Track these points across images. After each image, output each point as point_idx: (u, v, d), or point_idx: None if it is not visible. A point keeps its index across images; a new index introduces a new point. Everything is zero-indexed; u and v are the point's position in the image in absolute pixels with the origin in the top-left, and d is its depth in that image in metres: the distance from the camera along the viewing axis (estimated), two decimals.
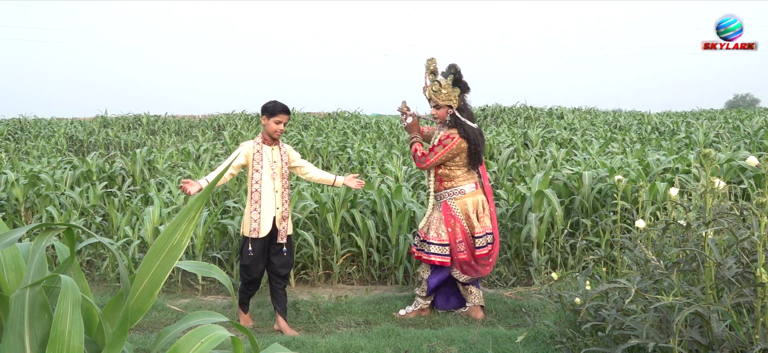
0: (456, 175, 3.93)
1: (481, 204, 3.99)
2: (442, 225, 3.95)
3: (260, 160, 3.75)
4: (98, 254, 5.29)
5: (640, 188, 3.56)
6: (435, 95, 3.87)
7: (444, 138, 3.85)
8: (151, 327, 4.04)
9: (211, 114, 20.26)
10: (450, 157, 3.86)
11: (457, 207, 3.95)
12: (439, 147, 3.86)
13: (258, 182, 3.73)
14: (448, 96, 3.86)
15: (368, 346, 3.45)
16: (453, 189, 3.94)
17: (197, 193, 3.44)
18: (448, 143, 3.83)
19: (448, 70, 3.92)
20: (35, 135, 15.21)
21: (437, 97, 3.88)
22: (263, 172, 3.74)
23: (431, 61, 3.95)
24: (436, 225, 3.96)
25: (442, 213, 3.95)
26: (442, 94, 3.86)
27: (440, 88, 3.85)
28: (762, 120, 12.03)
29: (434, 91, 3.87)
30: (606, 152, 8.55)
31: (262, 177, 3.73)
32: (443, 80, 3.85)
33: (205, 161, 9.14)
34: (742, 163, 5.34)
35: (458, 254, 3.92)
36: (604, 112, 18.58)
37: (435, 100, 3.89)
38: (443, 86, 3.85)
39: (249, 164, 3.76)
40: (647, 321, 2.34)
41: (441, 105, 3.88)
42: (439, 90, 3.86)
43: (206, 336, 1.48)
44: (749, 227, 2.34)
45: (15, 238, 1.37)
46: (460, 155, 3.88)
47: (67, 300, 1.29)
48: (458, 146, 3.83)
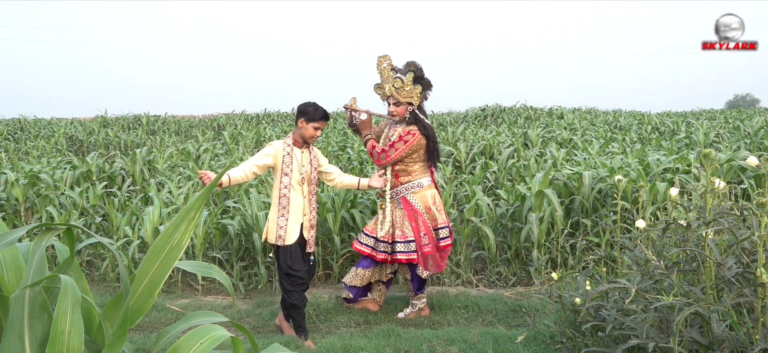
0: (413, 170, 3.91)
1: (437, 199, 4.04)
2: (405, 221, 3.92)
3: (290, 163, 3.58)
4: (98, 254, 5.29)
5: (640, 188, 3.56)
6: (397, 92, 3.84)
7: (405, 134, 3.82)
8: (151, 327, 4.04)
9: (211, 114, 20.27)
10: (410, 153, 3.85)
11: (417, 202, 3.94)
12: (399, 143, 3.81)
13: (287, 186, 3.57)
14: (410, 93, 3.85)
15: (368, 346, 3.45)
16: (411, 183, 3.92)
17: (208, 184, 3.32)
18: (409, 139, 3.81)
19: (408, 67, 3.90)
20: (35, 135, 15.21)
21: (399, 94, 3.85)
22: (292, 176, 3.58)
23: (385, 57, 3.94)
24: (400, 223, 3.92)
25: (404, 210, 3.93)
26: (404, 91, 3.84)
27: (403, 85, 3.83)
28: (762, 120, 12.03)
29: (396, 88, 3.84)
30: (606, 152, 8.55)
31: (291, 181, 3.57)
32: (404, 77, 3.83)
33: (205, 161, 9.14)
34: (743, 163, 5.34)
35: (423, 248, 3.91)
36: (604, 112, 18.57)
37: (396, 97, 3.85)
38: (405, 83, 3.83)
39: (277, 167, 3.59)
40: (647, 321, 2.34)
41: (402, 102, 3.86)
42: (402, 87, 3.83)
43: (206, 336, 1.48)
44: (749, 227, 2.34)
45: (15, 238, 1.37)
46: (418, 151, 3.88)
47: (67, 300, 1.29)
48: (418, 142, 3.84)
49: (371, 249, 4.00)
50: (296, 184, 3.60)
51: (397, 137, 3.84)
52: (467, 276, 4.92)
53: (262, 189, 6.13)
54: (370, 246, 4.01)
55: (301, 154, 3.64)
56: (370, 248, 4.01)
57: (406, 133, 3.82)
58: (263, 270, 4.89)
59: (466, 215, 5.07)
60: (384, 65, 3.92)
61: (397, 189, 3.95)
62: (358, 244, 4.08)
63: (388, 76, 3.89)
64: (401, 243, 3.90)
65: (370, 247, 4.01)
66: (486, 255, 5.04)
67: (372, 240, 4.01)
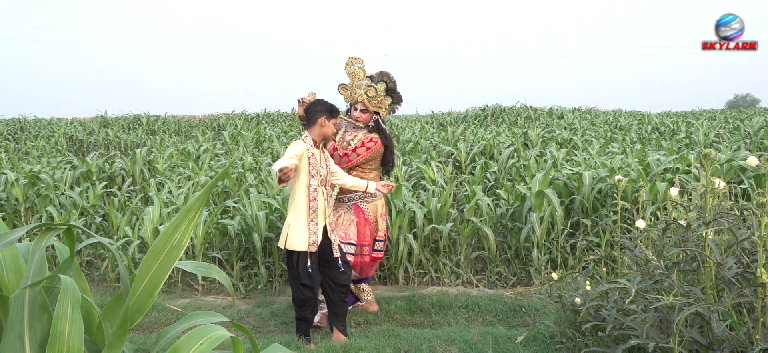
0: (369, 178, 3.91)
1: (384, 208, 4.09)
2: (352, 226, 3.88)
3: (315, 164, 3.43)
4: (98, 254, 5.29)
5: (640, 188, 3.56)
6: (368, 101, 3.87)
7: (367, 141, 3.86)
8: (151, 327, 4.04)
9: (211, 114, 20.26)
10: (369, 159, 3.88)
11: (368, 210, 3.97)
12: (361, 149, 3.84)
13: (316, 189, 3.40)
14: (380, 104, 3.90)
15: (368, 346, 3.45)
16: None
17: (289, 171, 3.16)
18: (371, 146, 3.85)
19: (381, 77, 3.94)
20: (35, 135, 15.20)
21: (370, 103, 3.87)
22: (318, 178, 3.44)
23: (357, 60, 3.93)
24: (346, 226, 3.87)
25: (355, 217, 3.91)
26: (376, 101, 3.88)
27: (376, 95, 3.87)
28: (762, 120, 12.02)
29: (370, 96, 3.86)
30: (606, 152, 8.55)
31: (318, 184, 3.43)
32: (378, 87, 3.88)
33: (205, 161, 9.13)
34: (743, 163, 5.34)
35: (363, 256, 3.93)
36: (604, 112, 18.56)
37: (366, 105, 3.87)
38: (378, 94, 3.88)
39: (302, 168, 3.40)
40: (647, 321, 2.34)
41: (369, 111, 3.90)
42: (375, 97, 3.87)
43: (206, 336, 1.48)
44: (749, 227, 2.34)
45: (15, 238, 1.37)
46: (376, 159, 3.94)
47: (67, 300, 1.29)
48: (378, 150, 3.90)
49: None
50: (320, 187, 3.45)
51: (360, 143, 3.86)
52: (467, 276, 4.92)
53: (262, 189, 6.13)
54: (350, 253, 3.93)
55: (320, 155, 3.50)
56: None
57: (369, 140, 3.86)
58: (263, 270, 4.89)
59: (466, 215, 5.07)
60: (355, 68, 3.91)
61: (350, 196, 3.94)
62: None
63: (360, 81, 3.90)
64: (343, 244, 3.81)
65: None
66: (486, 255, 5.04)
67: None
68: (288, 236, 3.40)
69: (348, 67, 3.92)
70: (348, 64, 3.92)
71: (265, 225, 4.93)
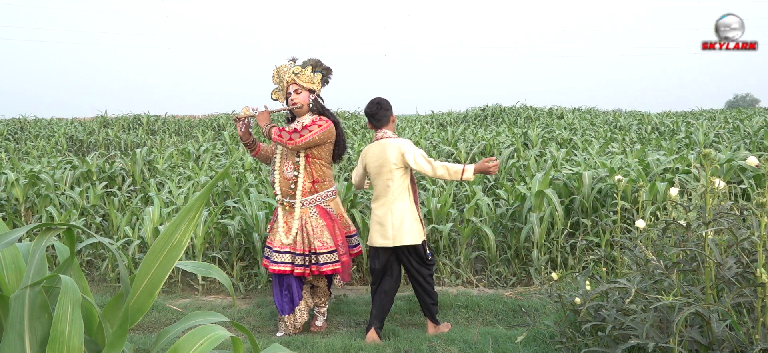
0: (328, 175, 3.75)
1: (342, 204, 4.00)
2: (325, 231, 3.67)
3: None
4: (98, 254, 5.29)
5: (640, 188, 3.56)
6: (296, 77, 3.68)
7: (318, 119, 3.64)
8: (151, 327, 4.04)
9: (211, 114, 20.25)
10: (322, 140, 3.62)
11: (332, 209, 3.77)
12: (313, 126, 3.59)
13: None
14: (311, 78, 3.71)
15: (368, 346, 3.45)
16: (327, 191, 3.75)
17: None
18: (323, 125, 3.61)
19: (307, 62, 3.78)
20: (35, 135, 15.20)
21: (299, 78, 3.68)
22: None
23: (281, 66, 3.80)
24: (319, 233, 3.65)
25: (323, 220, 3.69)
26: (304, 74, 3.69)
27: (302, 70, 3.70)
28: (762, 120, 12.02)
29: (295, 72, 3.68)
30: (606, 152, 8.55)
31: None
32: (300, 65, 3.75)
33: (205, 161, 9.13)
34: (742, 162, 5.34)
35: (342, 257, 3.72)
36: (604, 112, 18.55)
37: (297, 82, 3.68)
38: (304, 70, 3.71)
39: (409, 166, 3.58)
40: (647, 321, 2.34)
41: (303, 88, 3.69)
42: (301, 72, 3.69)
43: (206, 336, 1.48)
44: (749, 227, 2.34)
45: (15, 238, 1.37)
46: (328, 143, 3.69)
47: (67, 300, 1.29)
48: (330, 130, 3.65)
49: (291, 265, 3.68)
50: None
51: (310, 121, 3.65)
52: (467, 276, 4.92)
53: (262, 189, 6.13)
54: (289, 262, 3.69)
55: None
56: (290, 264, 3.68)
57: (319, 118, 3.66)
58: (263, 270, 4.89)
59: (466, 215, 5.07)
60: (274, 71, 3.81)
61: (312, 198, 3.69)
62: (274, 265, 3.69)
63: (277, 75, 3.78)
64: (324, 253, 3.64)
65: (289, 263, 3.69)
66: (486, 255, 5.04)
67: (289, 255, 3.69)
68: (418, 230, 3.58)
69: (275, 77, 3.80)
70: (274, 75, 3.80)
71: (264, 225, 4.92)
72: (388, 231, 3.54)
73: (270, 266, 3.70)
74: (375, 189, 3.67)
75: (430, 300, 3.69)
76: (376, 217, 3.63)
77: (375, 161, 3.60)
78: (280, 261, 3.67)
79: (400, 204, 3.55)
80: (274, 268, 3.67)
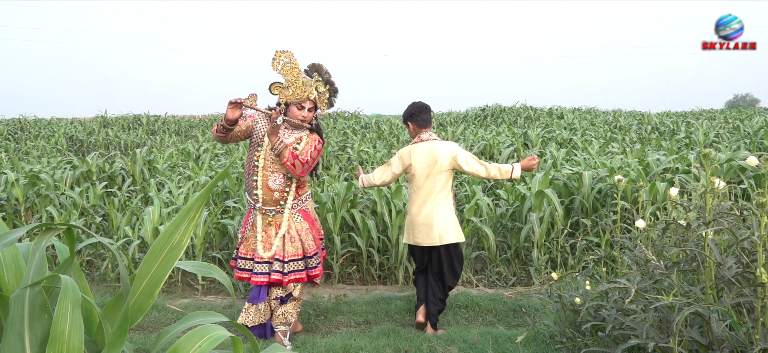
0: (306, 180, 3.65)
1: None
2: (308, 235, 3.56)
3: None
4: (98, 254, 5.29)
5: (640, 188, 3.56)
6: (319, 97, 3.46)
7: (317, 144, 3.51)
8: (151, 327, 4.04)
9: (211, 114, 20.26)
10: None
11: (310, 210, 3.69)
12: (312, 151, 3.47)
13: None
14: (323, 100, 3.50)
15: (368, 346, 3.45)
16: (306, 193, 3.65)
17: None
18: (319, 148, 3.53)
19: (313, 69, 3.50)
20: (35, 135, 15.20)
21: (319, 99, 3.47)
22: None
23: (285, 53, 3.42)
24: (305, 237, 3.55)
25: (306, 223, 3.58)
26: (323, 95, 3.48)
27: (324, 91, 3.48)
28: (762, 120, 12.03)
29: (320, 92, 3.46)
30: (606, 152, 8.55)
31: None
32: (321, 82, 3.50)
33: (205, 161, 9.13)
34: (742, 163, 5.34)
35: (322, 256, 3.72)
36: (604, 112, 18.57)
37: (318, 102, 3.47)
38: (325, 89, 3.49)
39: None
40: (647, 321, 2.34)
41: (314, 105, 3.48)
42: (324, 93, 3.48)
43: (206, 336, 1.48)
44: (749, 227, 2.34)
45: (15, 238, 1.37)
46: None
47: (67, 300, 1.29)
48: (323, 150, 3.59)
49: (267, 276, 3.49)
50: None
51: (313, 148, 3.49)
52: (467, 276, 4.92)
53: None
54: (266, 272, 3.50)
55: None
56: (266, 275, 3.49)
57: (318, 142, 3.53)
58: None
59: (466, 215, 5.07)
60: (286, 62, 3.40)
61: (296, 202, 3.56)
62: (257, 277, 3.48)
63: (297, 77, 3.41)
64: (311, 257, 3.56)
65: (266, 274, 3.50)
66: (486, 255, 5.04)
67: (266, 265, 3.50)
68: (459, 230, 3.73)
69: (276, 63, 3.39)
70: (276, 60, 3.39)
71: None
72: (434, 231, 3.63)
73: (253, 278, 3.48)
74: (418, 191, 3.66)
75: (441, 305, 3.78)
76: (420, 218, 3.65)
77: (423, 162, 3.63)
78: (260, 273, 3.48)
79: (445, 205, 3.65)
80: (258, 280, 3.46)
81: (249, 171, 3.55)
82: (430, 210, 3.62)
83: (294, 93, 3.41)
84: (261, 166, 3.48)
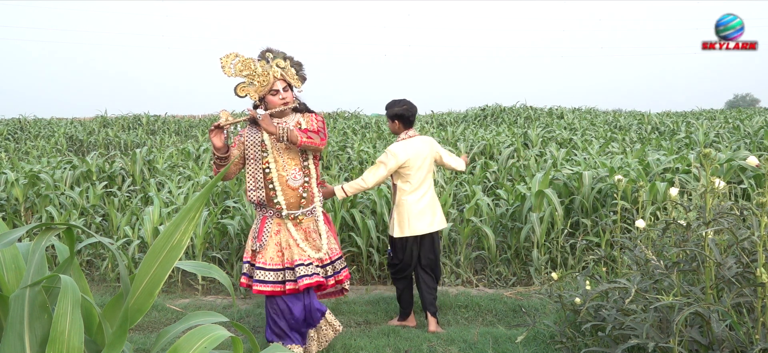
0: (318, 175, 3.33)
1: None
2: (331, 238, 3.32)
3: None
4: (98, 254, 5.29)
5: (640, 188, 3.56)
6: (285, 71, 3.15)
7: (316, 116, 3.24)
8: (151, 327, 4.04)
9: (211, 114, 20.27)
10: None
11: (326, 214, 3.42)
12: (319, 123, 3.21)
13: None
14: (293, 75, 3.20)
15: (368, 346, 3.45)
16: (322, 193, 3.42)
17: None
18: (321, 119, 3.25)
19: (263, 54, 3.19)
20: (35, 135, 15.20)
21: (286, 74, 3.15)
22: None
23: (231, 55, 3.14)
24: (329, 240, 3.29)
25: (327, 226, 3.31)
26: (289, 69, 3.18)
27: (286, 64, 3.18)
28: (762, 120, 12.03)
29: (282, 67, 3.15)
30: (606, 152, 8.55)
31: None
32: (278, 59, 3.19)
33: (205, 161, 9.13)
34: (742, 163, 5.34)
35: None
36: (604, 112, 18.58)
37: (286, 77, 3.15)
38: (286, 63, 3.19)
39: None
40: (647, 321, 2.34)
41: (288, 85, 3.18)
42: (286, 66, 3.17)
43: (206, 336, 1.48)
44: (749, 227, 2.34)
45: (15, 238, 1.37)
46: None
47: (67, 300, 1.29)
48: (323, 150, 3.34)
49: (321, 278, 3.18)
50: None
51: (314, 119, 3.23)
52: (467, 276, 4.92)
53: None
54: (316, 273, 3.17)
55: None
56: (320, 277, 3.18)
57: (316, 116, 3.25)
58: None
59: (466, 215, 5.07)
60: (236, 62, 3.12)
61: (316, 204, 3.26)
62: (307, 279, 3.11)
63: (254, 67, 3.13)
64: (339, 260, 3.33)
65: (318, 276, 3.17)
66: (486, 255, 5.04)
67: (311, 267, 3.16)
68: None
69: (228, 69, 3.11)
70: (226, 67, 3.11)
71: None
72: (436, 217, 3.83)
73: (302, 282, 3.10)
74: (412, 182, 3.74)
75: (435, 292, 3.88)
76: (420, 208, 3.76)
77: (420, 154, 3.76)
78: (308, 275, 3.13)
79: (433, 193, 3.88)
80: (307, 282, 3.11)
81: (260, 184, 3.17)
82: (428, 198, 3.81)
83: (260, 81, 3.14)
84: (274, 169, 3.16)
